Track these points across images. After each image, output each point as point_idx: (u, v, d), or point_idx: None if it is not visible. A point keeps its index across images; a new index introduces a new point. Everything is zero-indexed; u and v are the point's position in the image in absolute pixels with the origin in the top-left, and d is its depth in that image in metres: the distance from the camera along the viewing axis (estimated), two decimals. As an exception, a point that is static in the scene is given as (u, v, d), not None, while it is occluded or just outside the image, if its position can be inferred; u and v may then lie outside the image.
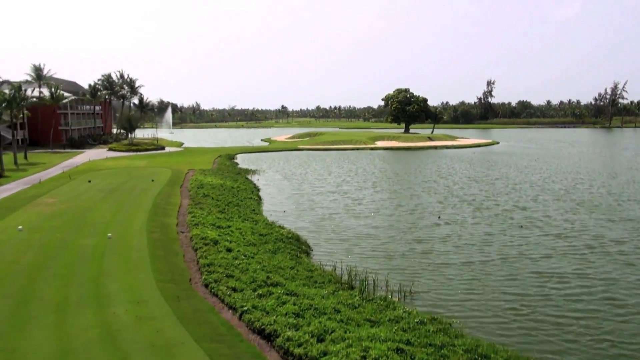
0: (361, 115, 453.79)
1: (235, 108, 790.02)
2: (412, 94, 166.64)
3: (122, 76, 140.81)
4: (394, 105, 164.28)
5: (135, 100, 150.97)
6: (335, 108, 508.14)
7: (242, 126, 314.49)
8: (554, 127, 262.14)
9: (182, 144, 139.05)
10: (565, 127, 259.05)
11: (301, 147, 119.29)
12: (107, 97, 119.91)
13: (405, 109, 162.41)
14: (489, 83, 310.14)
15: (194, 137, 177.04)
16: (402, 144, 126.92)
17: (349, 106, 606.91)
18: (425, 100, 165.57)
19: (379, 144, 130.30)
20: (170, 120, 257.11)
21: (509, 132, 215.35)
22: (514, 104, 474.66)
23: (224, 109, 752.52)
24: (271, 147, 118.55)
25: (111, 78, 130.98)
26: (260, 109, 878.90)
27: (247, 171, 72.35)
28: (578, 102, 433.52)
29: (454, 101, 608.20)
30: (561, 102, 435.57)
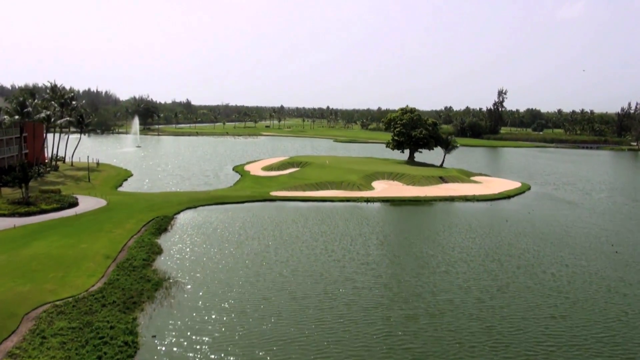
0: (359, 118, 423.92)
1: (229, 105, 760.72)
2: (419, 115, 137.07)
3: (53, 89, 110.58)
4: (397, 129, 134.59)
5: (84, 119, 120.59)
6: (332, 111, 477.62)
7: (227, 133, 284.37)
8: (574, 146, 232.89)
9: (127, 177, 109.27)
10: (588, 147, 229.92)
11: (274, 194, 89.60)
12: (15, 121, 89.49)
13: (411, 134, 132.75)
14: (500, 93, 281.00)
15: (156, 159, 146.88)
16: (406, 190, 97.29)
17: (345, 109, 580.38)
18: (434, 123, 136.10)
19: (377, 186, 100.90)
20: (138, 130, 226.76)
21: (528, 155, 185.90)
22: (521, 110, 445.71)
23: (218, 106, 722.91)
24: (235, 196, 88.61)
25: (25, 97, 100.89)
26: (254, 106, 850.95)
27: (157, 285, 43.28)
28: (592, 112, 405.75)
29: (457, 106, 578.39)
30: (573, 112, 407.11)
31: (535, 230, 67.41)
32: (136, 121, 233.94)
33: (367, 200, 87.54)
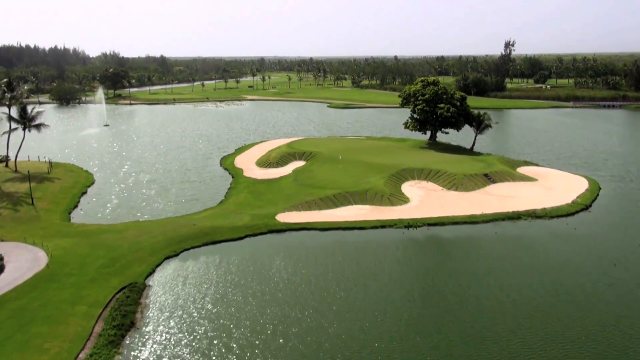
0: (348, 72, 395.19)
1: (207, 57, 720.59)
2: (445, 88, 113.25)
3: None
4: (419, 106, 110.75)
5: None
6: (317, 63, 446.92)
7: (207, 98, 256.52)
8: (595, 105, 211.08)
9: (87, 187, 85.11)
10: (610, 106, 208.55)
11: (281, 219, 66.72)
12: None
13: (436, 112, 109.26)
14: (508, 44, 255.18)
15: (126, 147, 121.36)
16: (450, 200, 75.16)
17: (329, 58, 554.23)
18: (463, 98, 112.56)
19: (410, 193, 78.81)
20: (104, 103, 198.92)
21: (554, 121, 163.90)
22: (517, 55, 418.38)
23: (194, 59, 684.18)
24: (229, 226, 65.44)
25: None
26: (233, 57, 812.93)
27: None
28: (595, 59, 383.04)
29: (446, 52, 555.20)
30: (574, 60, 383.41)
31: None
32: (101, 94, 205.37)
33: (409, 224, 65.30)
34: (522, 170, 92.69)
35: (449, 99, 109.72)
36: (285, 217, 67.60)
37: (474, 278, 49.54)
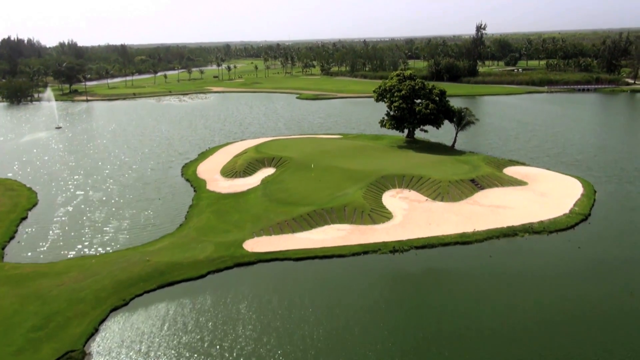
0: (316, 58, 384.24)
1: (170, 45, 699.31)
2: (423, 82, 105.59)
3: None
4: (395, 103, 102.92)
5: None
6: (284, 49, 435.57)
7: (170, 92, 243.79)
8: (570, 89, 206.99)
9: (27, 211, 74.85)
10: (584, 90, 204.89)
11: (249, 247, 58.44)
12: None
13: (414, 109, 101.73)
14: (479, 28, 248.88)
15: (77, 156, 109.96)
16: (437, 213, 67.92)
17: (295, 41, 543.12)
18: (442, 92, 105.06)
19: (392, 205, 71.30)
20: (54, 102, 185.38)
21: (533, 109, 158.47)
22: (487, 42, 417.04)
23: (157, 48, 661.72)
24: (189, 261, 56.78)
25: None
26: (197, 44, 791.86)
27: None
28: (563, 39, 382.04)
29: (415, 34, 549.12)
30: (543, 41, 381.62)
31: None
32: (50, 93, 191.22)
33: (394, 248, 57.88)
34: (509, 171, 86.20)
35: (427, 94, 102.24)
36: (254, 245, 59.31)
37: (477, 331, 42.23)
